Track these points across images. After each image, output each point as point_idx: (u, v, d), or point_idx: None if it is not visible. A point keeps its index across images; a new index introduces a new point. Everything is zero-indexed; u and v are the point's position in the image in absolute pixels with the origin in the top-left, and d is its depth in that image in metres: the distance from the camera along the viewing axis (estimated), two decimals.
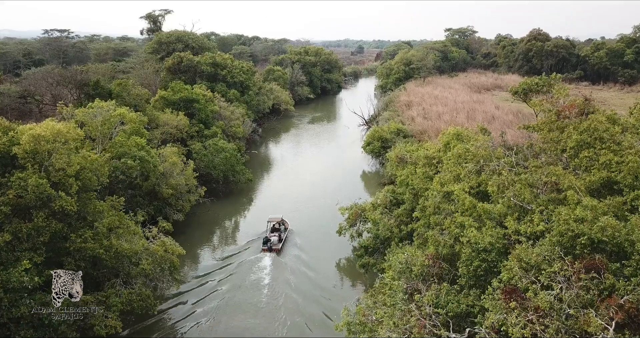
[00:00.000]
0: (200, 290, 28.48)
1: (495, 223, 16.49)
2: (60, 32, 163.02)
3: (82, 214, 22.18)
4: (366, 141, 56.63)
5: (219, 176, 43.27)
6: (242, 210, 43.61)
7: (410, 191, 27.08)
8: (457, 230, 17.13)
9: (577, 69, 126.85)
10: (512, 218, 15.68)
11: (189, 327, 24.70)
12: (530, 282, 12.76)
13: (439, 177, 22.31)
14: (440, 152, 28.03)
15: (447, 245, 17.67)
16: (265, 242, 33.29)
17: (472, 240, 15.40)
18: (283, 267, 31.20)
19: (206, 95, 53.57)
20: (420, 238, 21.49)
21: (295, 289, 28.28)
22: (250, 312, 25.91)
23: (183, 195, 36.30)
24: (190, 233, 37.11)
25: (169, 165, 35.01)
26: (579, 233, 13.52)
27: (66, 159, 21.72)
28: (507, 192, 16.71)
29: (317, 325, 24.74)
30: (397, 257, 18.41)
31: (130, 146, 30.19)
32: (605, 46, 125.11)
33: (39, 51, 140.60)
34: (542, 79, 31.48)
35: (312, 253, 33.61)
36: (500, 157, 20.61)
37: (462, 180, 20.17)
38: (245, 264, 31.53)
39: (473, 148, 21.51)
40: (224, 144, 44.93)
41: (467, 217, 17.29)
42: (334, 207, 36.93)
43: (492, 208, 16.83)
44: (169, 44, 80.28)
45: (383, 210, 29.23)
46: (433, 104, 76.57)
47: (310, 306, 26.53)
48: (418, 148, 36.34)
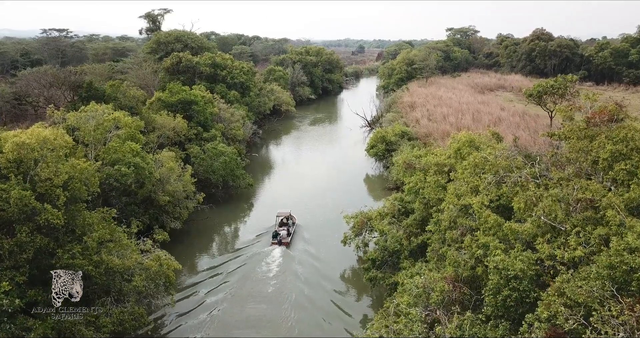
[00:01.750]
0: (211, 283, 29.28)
1: (524, 246, 14.89)
2: (59, 32, 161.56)
3: (71, 227, 20.63)
4: (370, 144, 55.07)
5: (218, 181, 41.66)
6: (243, 216, 42.01)
7: (421, 200, 25.52)
8: (480, 251, 15.55)
9: (580, 69, 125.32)
10: (544, 240, 14.06)
11: (203, 315, 25.61)
12: (579, 324, 11.12)
13: (454, 187, 20.75)
14: (451, 159, 26.47)
15: (467, 267, 16.10)
16: (274, 236, 34.41)
17: (500, 266, 13.71)
18: (292, 259, 32.66)
19: (205, 96, 51.99)
20: (435, 255, 19.92)
21: (304, 280, 29.74)
22: (261, 300, 27.37)
23: (181, 202, 34.74)
24: (189, 241, 35.57)
25: (165, 171, 33.47)
26: (636, 267, 11.74)
27: (53, 168, 20.19)
28: (535, 210, 15.08)
29: (329, 315, 26.05)
30: (413, 280, 16.81)
31: (125, 152, 28.60)
32: (609, 46, 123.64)
33: (37, 51, 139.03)
34: (557, 81, 29.96)
35: (320, 248, 34.52)
36: (520, 167, 19.03)
37: (480, 192, 18.59)
38: (255, 257, 32.69)
39: (491, 157, 19.94)
40: (223, 148, 43.34)
41: (491, 237, 15.69)
42: (338, 214, 36.52)
43: (520, 227, 15.19)
44: (167, 44, 78.58)
45: (391, 220, 27.67)
46: (437, 105, 74.98)
47: (318, 295, 28.12)
48: (426, 153, 34.74)
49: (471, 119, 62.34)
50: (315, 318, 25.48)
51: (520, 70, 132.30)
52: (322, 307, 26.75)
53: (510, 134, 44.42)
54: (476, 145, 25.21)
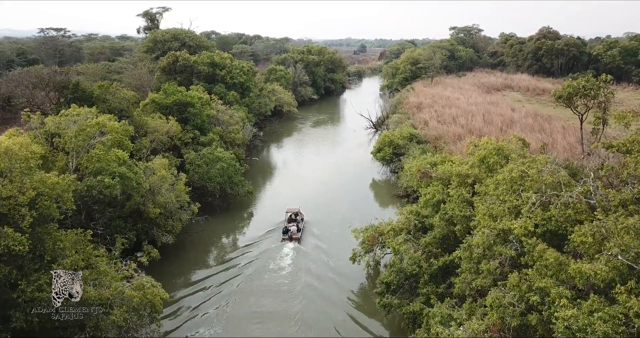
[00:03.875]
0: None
1: (601, 296, 11.83)
2: (57, 31, 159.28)
3: (38, 252, 17.72)
4: (376, 147, 52.07)
5: (215, 189, 38.69)
6: (242, 227, 38.90)
7: (442, 216, 22.55)
8: (536, 297, 12.55)
9: (588, 68, 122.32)
10: (626, 289, 11.02)
11: (218, 306, 26.19)
12: None
13: (487, 206, 17.76)
14: (475, 169, 23.50)
15: (516, 313, 13.13)
16: (285, 232, 34.65)
17: (574, 326, 10.66)
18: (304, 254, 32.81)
19: (202, 98, 49.03)
20: (467, 287, 16.90)
21: (315, 275, 29.94)
22: (273, 294, 27.76)
23: (174, 213, 31.79)
24: (184, 255, 32.65)
25: (156, 180, 30.50)
26: None
27: (18, 183, 17.28)
28: (608, 246, 12.04)
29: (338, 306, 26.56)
30: (451, 332, 13.77)
31: (110, 161, 25.60)
32: (618, 44, 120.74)
33: (34, 50, 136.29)
34: (589, 81, 26.92)
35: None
36: (567, 184, 16.06)
37: (522, 214, 15.62)
38: (267, 252, 32.74)
39: (532, 171, 16.94)
40: (220, 153, 40.30)
41: (549, 279, 12.65)
42: (344, 224, 34.99)
43: (591, 269, 12.11)
44: (164, 43, 75.55)
45: (406, 236, 24.66)
46: (445, 105, 71.96)
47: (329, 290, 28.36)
48: (443, 160, 31.70)
49: (482, 121, 59.31)
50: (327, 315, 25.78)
51: (527, 70, 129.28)
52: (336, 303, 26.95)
53: (529, 137, 41.36)
54: (505, 154, 22.22)
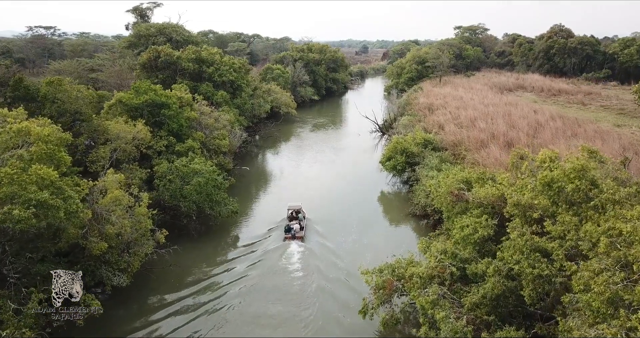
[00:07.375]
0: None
1: None
2: (46, 29, 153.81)
3: None
4: (386, 155, 44.90)
5: (190, 209, 31.47)
6: (223, 257, 31.36)
7: (496, 268, 15.43)
8: None
9: (603, 68, 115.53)
10: None
11: (223, 308, 24.36)
12: None
13: (586, 266, 10.79)
14: (542, 198, 16.34)
15: None
16: (287, 230, 32.78)
17: None
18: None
19: (183, 98, 41.92)
20: None
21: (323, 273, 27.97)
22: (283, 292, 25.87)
23: (131, 245, 24.69)
24: (142, 299, 25.52)
25: (107, 203, 23.42)
26: None
27: None
28: None
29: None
30: None
31: (27, 183, 18.47)
32: (635, 43, 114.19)
33: (21, 49, 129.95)
34: None
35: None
36: None
37: None
38: (271, 252, 30.77)
39: None
40: (198, 164, 33.07)
41: None
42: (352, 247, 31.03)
43: None
44: (148, 37, 68.42)
45: (440, 290, 17.53)
46: (459, 107, 64.79)
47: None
48: (480, 178, 24.40)
49: (504, 124, 52.09)
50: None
51: (537, 70, 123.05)
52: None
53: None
54: (590, 178, 15.06)
